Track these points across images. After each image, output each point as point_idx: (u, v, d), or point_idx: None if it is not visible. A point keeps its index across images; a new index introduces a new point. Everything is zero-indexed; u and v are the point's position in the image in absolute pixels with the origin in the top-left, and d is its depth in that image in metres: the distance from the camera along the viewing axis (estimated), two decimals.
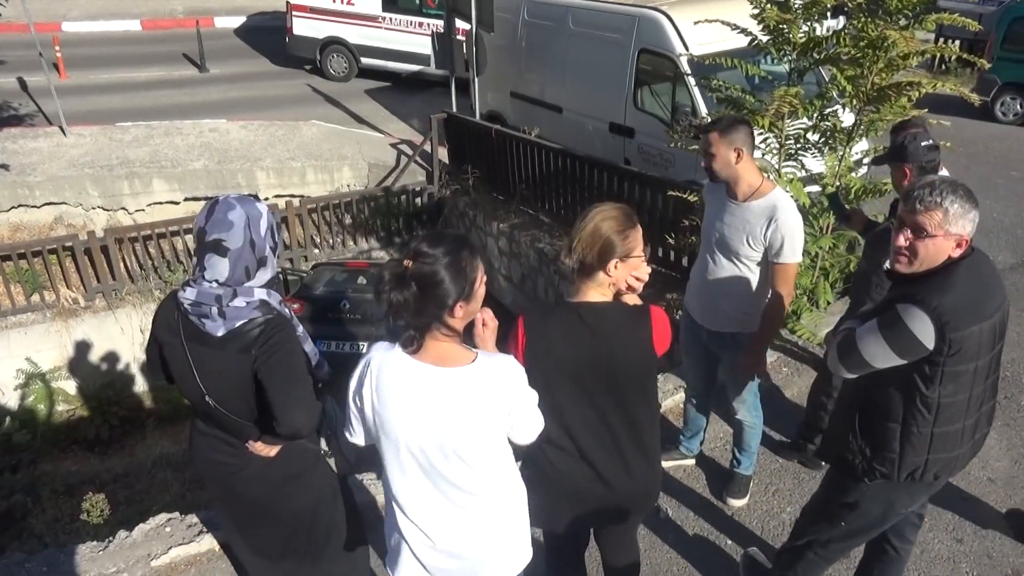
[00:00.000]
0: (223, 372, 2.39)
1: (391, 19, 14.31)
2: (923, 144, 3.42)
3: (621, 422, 2.39)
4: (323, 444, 2.70)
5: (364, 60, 14.76)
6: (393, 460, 2.12)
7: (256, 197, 2.45)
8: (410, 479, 2.11)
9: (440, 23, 13.51)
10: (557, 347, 2.32)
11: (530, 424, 2.21)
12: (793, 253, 3.23)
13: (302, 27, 14.38)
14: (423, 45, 13.94)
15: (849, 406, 2.64)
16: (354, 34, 14.50)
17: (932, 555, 3.54)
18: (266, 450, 2.50)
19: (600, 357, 2.32)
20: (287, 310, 2.47)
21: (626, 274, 2.33)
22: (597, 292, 2.34)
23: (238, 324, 2.33)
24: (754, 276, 3.35)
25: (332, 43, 14.60)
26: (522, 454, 2.64)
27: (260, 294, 2.38)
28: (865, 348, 2.37)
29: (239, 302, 2.32)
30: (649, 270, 2.40)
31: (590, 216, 2.32)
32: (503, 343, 2.30)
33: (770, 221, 3.19)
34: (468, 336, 2.18)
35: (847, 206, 4.80)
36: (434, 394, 2.03)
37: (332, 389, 2.75)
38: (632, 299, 2.44)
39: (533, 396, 2.18)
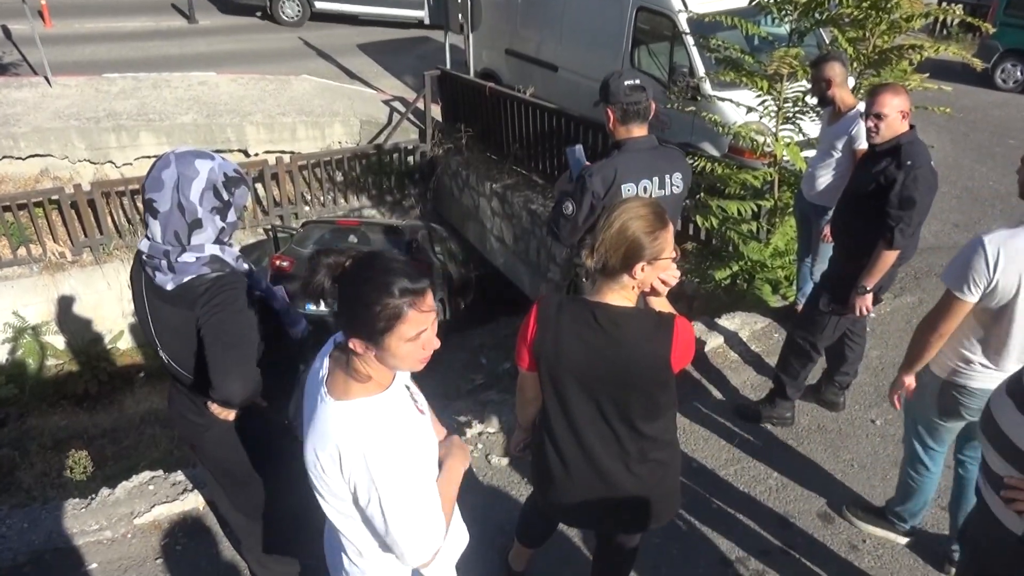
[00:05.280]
0: (174, 327, 2.29)
1: None
2: (626, 83, 3.13)
3: (625, 431, 2.25)
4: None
5: (319, 4, 14.54)
6: None
7: (213, 154, 2.26)
8: None
9: None
10: (565, 345, 2.16)
11: (393, 525, 1.69)
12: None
13: None
14: None
15: None
16: None
17: (925, 559, 3.50)
18: (223, 412, 2.38)
19: (609, 363, 2.15)
20: (245, 265, 2.35)
21: (654, 277, 2.12)
22: (619, 295, 2.14)
23: (186, 279, 2.23)
24: None
25: None
26: (526, 447, 2.56)
27: (212, 249, 2.25)
28: None
29: (188, 257, 2.21)
30: (679, 273, 2.20)
31: (616, 214, 2.09)
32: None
33: None
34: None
35: None
36: (310, 421, 1.78)
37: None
38: (662, 303, 2.24)
39: (406, 490, 1.69)
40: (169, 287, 2.23)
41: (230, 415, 2.40)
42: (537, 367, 2.22)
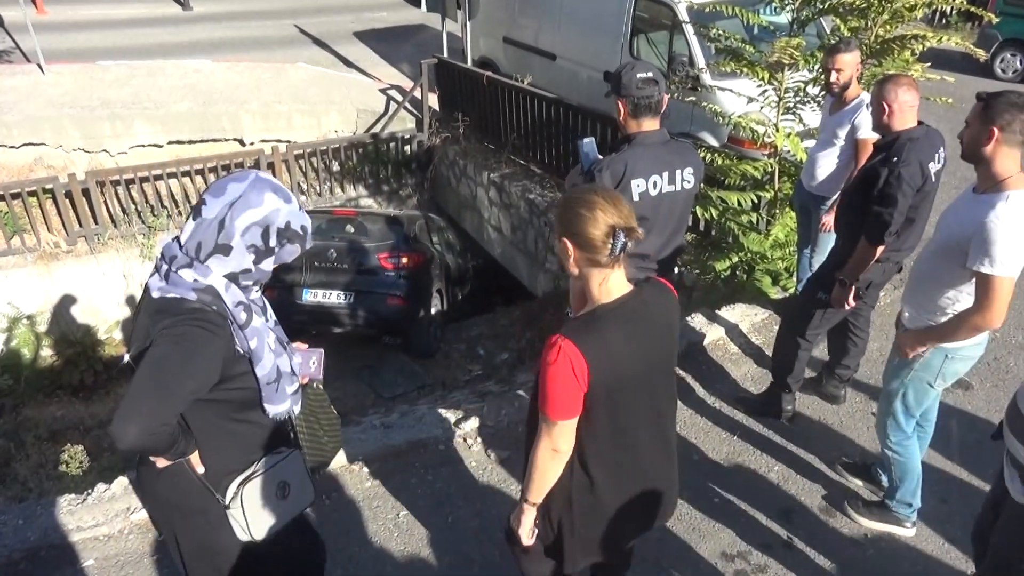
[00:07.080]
0: (136, 336, 2.03)
1: None
2: (638, 76, 3.02)
3: (665, 421, 2.23)
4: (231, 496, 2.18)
5: None
6: None
7: (292, 198, 2.11)
8: None
9: None
10: (622, 355, 2.03)
11: None
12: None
13: None
14: None
15: None
16: None
17: (926, 552, 3.48)
18: (155, 457, 2.11)
19: (660, 343, 2.12)
20: (243, 315, 2.03)
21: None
22: (622, 277, 2.07)
23: (171, 295, 1.97)
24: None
25: None
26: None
27: (216, 281, 1.99)
28: None
29: (187, 274, 1.96)
30: None
31: (609, 195, 2.02)
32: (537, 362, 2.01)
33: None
34: None
35: None
36: None
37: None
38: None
39: None
40: (155, 294, 2.00)
41: (159, 462, 2.11)
42: (591, 401, 2.04)
